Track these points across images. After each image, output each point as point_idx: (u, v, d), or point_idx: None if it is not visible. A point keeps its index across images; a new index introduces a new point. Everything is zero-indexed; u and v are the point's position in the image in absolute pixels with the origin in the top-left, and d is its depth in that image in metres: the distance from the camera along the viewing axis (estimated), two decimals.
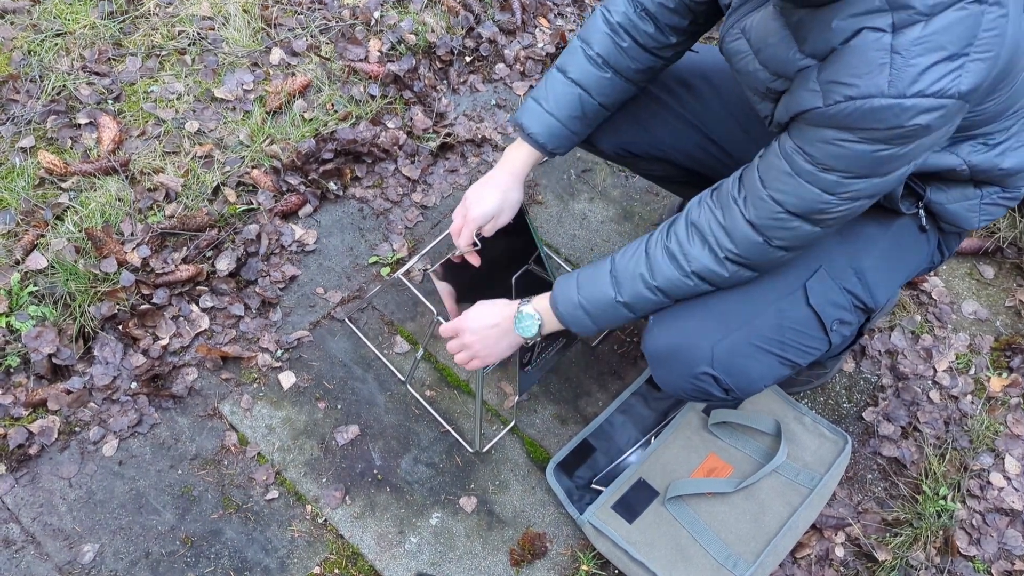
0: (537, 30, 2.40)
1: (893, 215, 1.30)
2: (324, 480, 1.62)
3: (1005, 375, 1.84)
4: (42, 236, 1.80)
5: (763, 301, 1.26)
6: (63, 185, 1.89)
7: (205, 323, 1.77)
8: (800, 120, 1.06)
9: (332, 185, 2.01)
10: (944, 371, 1.83)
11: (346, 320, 1.82)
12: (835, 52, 1.00)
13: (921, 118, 0.97)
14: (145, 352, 1.72)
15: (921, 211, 1.28)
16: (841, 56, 0.99)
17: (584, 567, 1.55)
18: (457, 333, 1.42)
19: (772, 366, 1.28)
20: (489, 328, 1.39)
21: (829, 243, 1.26)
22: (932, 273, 1.97)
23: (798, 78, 1.06)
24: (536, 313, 1.35)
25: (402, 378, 1.74)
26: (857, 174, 1.05)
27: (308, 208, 1.98)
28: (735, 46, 1.18)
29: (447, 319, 1.52)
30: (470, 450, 1.67)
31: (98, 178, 1.91)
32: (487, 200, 1.44)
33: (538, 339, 1.38)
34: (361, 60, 2.21)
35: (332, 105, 2.12)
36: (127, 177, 1.91)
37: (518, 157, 1.46)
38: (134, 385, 1.68)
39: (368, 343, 1.79)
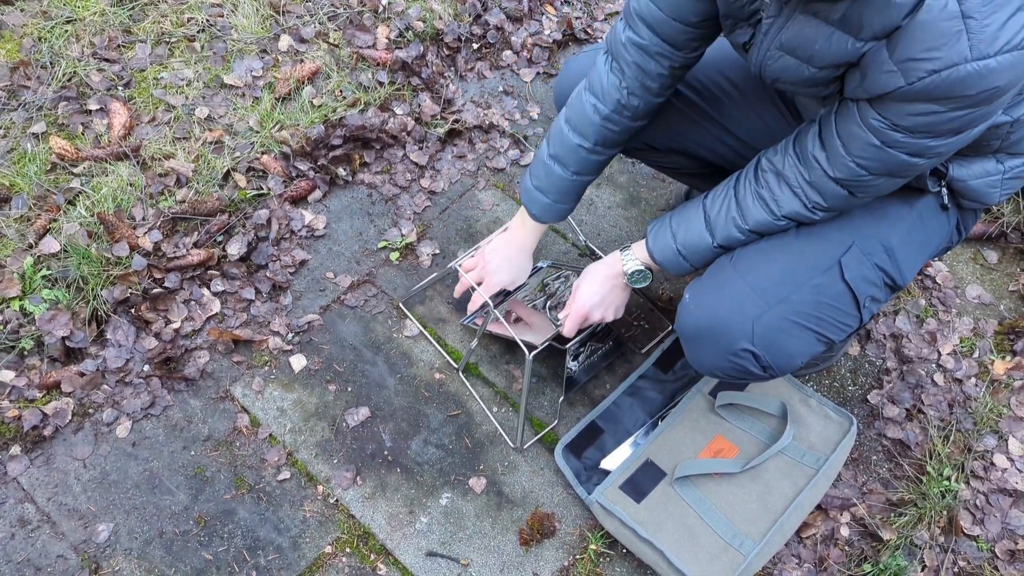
0: (544, 17, 2.41)
1: (917, 193, 1.31)
2: (335, 461, 1.64)
3: (1008, 358, 1.85)
4: (54, 220, 1.82)
5: (800, 277, 1.28)
6: (75, 170, 1.91)
7: (216, 307, 1.79)
8: (885, 99, 1.06)
9: (341, 171, 2.02)
10: (948, 354, 1.85)
11: (400, 306, 1.85)
12: (900, 29, 0.98)
13: (1008, 74, 0.97)
14: (157, 335, 1.73)
15: (943, 189, 1.30)
16: (909, 32, 0.97)
17: (592, 546, 1.57)
18: (585, 318, 1.51)
19: (809, 342, 1.30)
20: (608, 293, 1.50)
21: (860, 220, 1.29)
22: (938, 258, 1.98)
23: (866, 61, 1.04)
24: (642, 265, 1.45)
25: (455, 365, 1.77)
26: (948, 135, 1.06)
27: (317, 193, 1.99)
28: (780, 64, 1.16)
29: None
30: (512, 445, 1.69)
31: (109, 163, 1.92)
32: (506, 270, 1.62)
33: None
34: (369, 47, 2.22)
35: (341, 92, 2.13)
36: (138, 162, 1.93)
37: (527, 233, 1.62)
38: (147, 368, 1.70)
39: (423, 330, 1.82)
